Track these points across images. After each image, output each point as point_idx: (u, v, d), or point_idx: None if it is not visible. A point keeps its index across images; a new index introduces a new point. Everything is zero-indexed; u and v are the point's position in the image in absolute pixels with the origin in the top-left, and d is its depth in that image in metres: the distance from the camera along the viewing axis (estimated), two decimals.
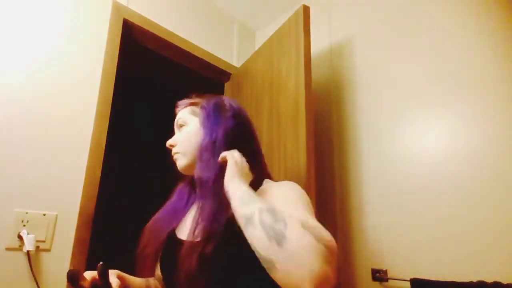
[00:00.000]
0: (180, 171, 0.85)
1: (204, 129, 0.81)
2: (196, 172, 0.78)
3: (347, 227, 1.48)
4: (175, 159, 0.85)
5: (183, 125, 0.86)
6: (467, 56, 1.27)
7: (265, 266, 0.49)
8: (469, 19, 1.29)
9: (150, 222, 0.87)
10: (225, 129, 0.79)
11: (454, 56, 1.30)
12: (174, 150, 0.85)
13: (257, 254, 0.50)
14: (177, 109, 0.91)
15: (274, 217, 0.50)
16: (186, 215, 0.87)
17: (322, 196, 1.56)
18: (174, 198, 0.91)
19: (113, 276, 0.75)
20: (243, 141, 0.82)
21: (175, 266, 0.70)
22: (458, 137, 1.23)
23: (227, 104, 0.86)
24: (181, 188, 0.92)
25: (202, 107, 0.85)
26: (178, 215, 0.87)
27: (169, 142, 0.86)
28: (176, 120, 0.89)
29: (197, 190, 0.78)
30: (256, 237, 0.50)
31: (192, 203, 0.89)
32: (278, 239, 0.47)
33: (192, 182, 0.88)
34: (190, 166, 0.83)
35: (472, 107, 1.22)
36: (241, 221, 0.55)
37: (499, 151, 1.13)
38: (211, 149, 0.77)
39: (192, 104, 0.88)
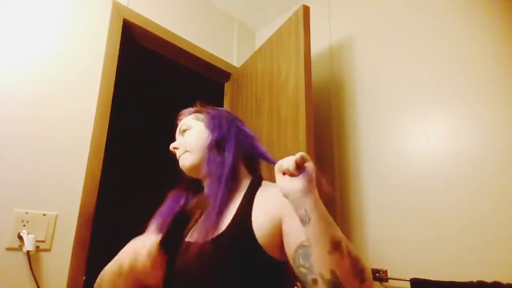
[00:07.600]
0: (186, 172, 0.86)
1: (209, 129, 0.84)
2: (204, 169, 0.81)
3: (347, 227, 1.48)
4: (181, 158, 0.85)
5: (187, 130, 0.87)
6: (467, 56, 1.27)
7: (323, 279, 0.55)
8: (469, 18, 1.29)
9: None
10: (228, 129, 0.84)
11: (454, 56, 1.30)
12: (179, 151, 0.86)
13: (325, 274, 0.55)
14: (180, 118, 0.92)
15: (356, 252, 0.58)
16: None
17: (321, 196, 1.56)
18: (169, 202, 0.90)
19: None
20: (244, 140, 0.85)
21: (174, 266, 0.70)
22: (458, 136, 1.23)
23: (227, 112, 0.93)
24: (176, 194, 0.91)
25: (207, 112, 0.90)
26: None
27: (172, 145, 0.87)
28: (179, 126, 0.90)
29: (207, 187, 0.82)
30: (343, 266, 0.55)
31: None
32: (362, 278, 0.57)
33: (188, 187, 0.90)
34: (196, 166, 0.83)
35: (472, 106, 1.22)
36: (324, 240, 0.57)
37: (499, 150, 1.13)
38: (218, 147, 0.81)
39: (195, 111, 0.91)
